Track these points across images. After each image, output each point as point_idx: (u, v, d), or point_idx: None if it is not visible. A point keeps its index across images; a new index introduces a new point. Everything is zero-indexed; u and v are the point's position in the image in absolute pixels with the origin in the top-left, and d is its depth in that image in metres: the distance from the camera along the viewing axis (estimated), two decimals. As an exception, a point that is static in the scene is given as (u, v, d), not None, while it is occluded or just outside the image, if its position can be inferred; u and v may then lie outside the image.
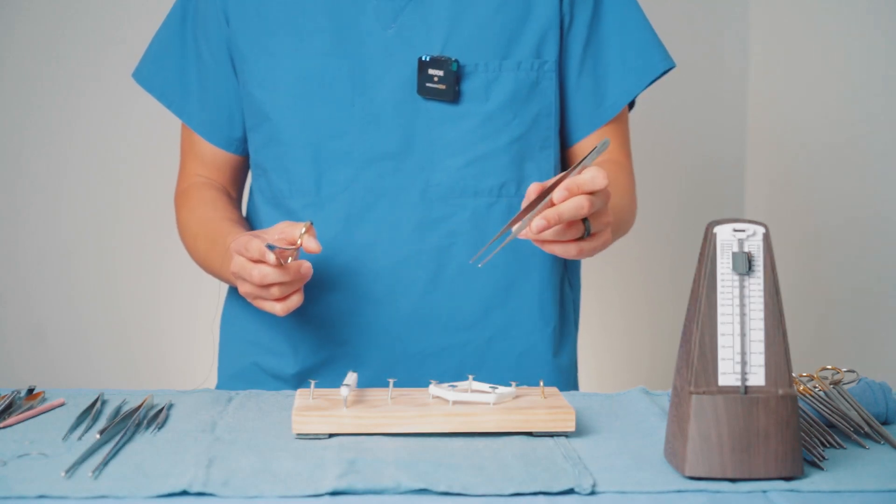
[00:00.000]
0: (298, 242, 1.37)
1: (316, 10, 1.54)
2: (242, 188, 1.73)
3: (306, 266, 1.38)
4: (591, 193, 1.26)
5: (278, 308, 1.39)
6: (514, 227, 1.27)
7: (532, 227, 1.25)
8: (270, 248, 1.35)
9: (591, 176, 1.26)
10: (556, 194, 1.25)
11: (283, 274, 1.36)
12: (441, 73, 1.51)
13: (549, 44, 1.56)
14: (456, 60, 1.51)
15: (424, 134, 1.54)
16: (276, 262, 1.34)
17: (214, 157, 1.66)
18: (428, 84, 1.51)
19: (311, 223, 1.38)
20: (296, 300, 1.40)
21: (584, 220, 1.30)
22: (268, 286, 1.37)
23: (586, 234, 1.31)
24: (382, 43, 1.53)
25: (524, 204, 1.28)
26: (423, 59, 1.51)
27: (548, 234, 1.28)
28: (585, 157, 1.28)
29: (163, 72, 1.64)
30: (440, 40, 1.53)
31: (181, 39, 1.62)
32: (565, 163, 1.68)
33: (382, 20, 1.53)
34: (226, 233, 1.54)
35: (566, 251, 1.31)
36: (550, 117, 1.59)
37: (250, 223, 1.66)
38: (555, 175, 1.60)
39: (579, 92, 1.61)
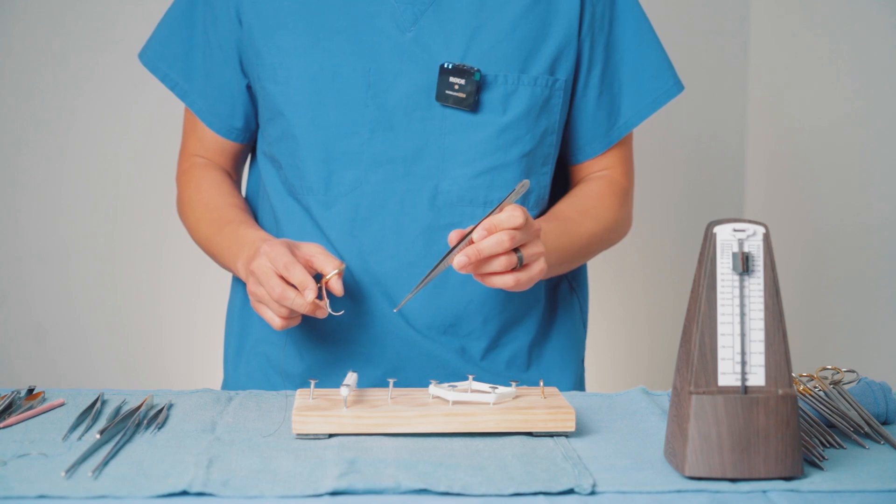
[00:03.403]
0: (326, 279, 1.42)
1: (332, 9, 1.54)
2: (242, 170, 1.74)
3: (322, 312, 1.41)
4: (514, 229, 1.34)
5: (278, 323, 1.42)
6: (433, 269, 1.35)
7: (454, 264, 1.33)
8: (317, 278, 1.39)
9: (507, 215, 1.34)
10: (476, 234, 1.34)
11: (303, 306, 1.39)
12: (462, 81, 1.51)
13: (563, 63, 1.56)
14: (479, 70, 1.51)
15: (437, 141, 1.53)
16: (313, 298, 1.38)
17: (216, 141, 1.67)
18: (448, 91, 1.51)
19: (345, 265, 1.43)
20: (295, 322, 1.43)
21: (517, 250, 1.37)
22: (281, 304, 1.39)
23: (519, 265, 1.38)
24: (400, 46, 1.53)
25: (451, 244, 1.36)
26: (446, 66, 1.51)
27: (482, 268, 1.36)
28: (506, 198, 1.35)
29: (168, 55, 1.64)
30: (460, 48, 1.52)
31: (189, 25, 1.63)
32: (567, 179, 1.68)
33: (400, 24, 1.53)
34: (236, 221, 1.56)
35: (504, 282, 1.38)
36: (554, 135, 1.59)
37: (255, 207, 1.67)
38: (548, 190, 1.62)
39: (598, 112, 1.62)
